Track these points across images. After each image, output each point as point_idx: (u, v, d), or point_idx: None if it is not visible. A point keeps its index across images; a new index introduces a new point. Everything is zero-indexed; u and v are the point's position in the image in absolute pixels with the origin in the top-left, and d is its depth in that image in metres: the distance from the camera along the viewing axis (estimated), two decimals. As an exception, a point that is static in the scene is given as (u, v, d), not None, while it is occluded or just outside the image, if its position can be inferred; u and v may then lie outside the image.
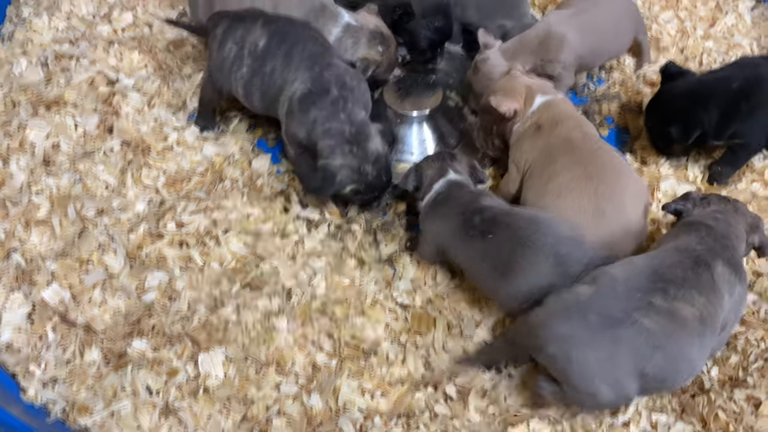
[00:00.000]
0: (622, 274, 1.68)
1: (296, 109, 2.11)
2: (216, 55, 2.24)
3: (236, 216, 2.19)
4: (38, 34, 2.68)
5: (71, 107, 2.45)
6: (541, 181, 1.99)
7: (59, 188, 2.25)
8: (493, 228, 1.86)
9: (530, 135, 2.10)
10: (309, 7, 2.35)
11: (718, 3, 2.95)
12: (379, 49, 2.38)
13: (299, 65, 2.12)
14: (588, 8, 2.43)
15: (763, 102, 2.20)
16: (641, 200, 1.97)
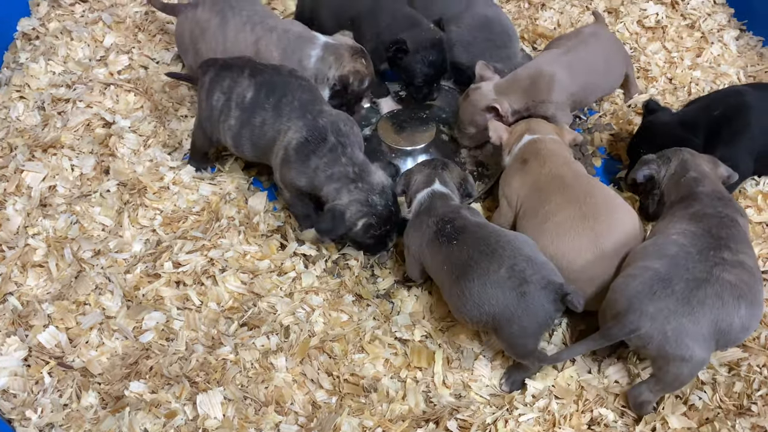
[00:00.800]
0: (682, 239, 1.79)
1: (294, 159, 2.12)
2: (204, 104, 2.27)
3: (233, 254, 2.20)
4: (35, 78, 2.71)
5: (68, 149, 2.47)
6: (536, 221, 2.00)
7: (56, 230, 2.25)
8: (459, 235, 1.90)
9: (517, 169, 2.13)
10: (287, 40, 2.41)
11: (704, 34, 3.00)
12: (362, 62, 2.42)
13: (290, 115, 2.14)
14: (576, 47, 2.47)
15: (745, 127, 2.24)
16: (636, 236, 1.98)
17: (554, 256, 1.91)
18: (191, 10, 2.51)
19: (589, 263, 1.90)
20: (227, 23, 2.43)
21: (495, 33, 2.62)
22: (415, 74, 2.51)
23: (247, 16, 2.44)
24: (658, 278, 1.72)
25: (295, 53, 2.39)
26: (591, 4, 3.18)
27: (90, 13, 3.01)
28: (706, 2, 3.14)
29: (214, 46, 2.44)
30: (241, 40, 2.41)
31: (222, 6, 2.46)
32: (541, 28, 3.05)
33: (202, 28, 2.46)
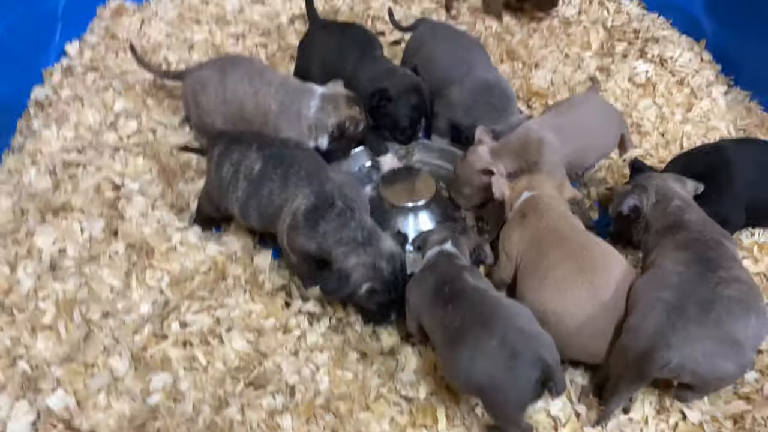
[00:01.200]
0: (679, 267, 1.88)
1: (302, 224, 2.16)
2: (214, 175, 2.34)
3: (239, 313, 2.23)
4: (47, 144, 2.80)
5: (78, 212, 2.53)
6: (536, 276, 2.03)
7: (65, 293, 2.30)
8: (455, 298, 1.92)
9: (517, 223, 2.18)
10: (284, 93, 2.53)
11: (693, 90, 3.11)
12: (357, 109, 2.55)
13: (297, 183, 2.20)
14: (566, 111, 2.56)
15: (728, 182, 2.31)
16: (629, 279, 2.01)
17: (555, 311, 1.94)
18: (195, 70, 2.68)
19: (591, 316, 1.92)
20: (227, 77, 2.57)
21: (495, 96, 2.71)
22: (399, 119, 2.66)
23: (245, 70, 2.59)
24: (671, 308, 1.78)
25: (294, 104, 2.52)
26: (583, 63, 3.30)
27: (101, 80, 3.13)
28: (694, 59, 3.26)
29: (213, 98, 2.58)
30: (240, 93, 2.55)
31: (223, 64, 2.62)
32: (535, 87, 3.16)
33: (203, 83, 2.61)
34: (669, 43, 3.31)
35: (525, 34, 3.50)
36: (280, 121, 2.52)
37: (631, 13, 3.56)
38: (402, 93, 2.62)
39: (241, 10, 3.64)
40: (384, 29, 3.52)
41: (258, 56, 3.33)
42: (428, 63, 2.84)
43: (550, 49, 3.39)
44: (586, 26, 3.48)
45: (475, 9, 3.71)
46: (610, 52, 3.34)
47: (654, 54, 3.23)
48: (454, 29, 3.09)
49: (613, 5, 3.61)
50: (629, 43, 3.37)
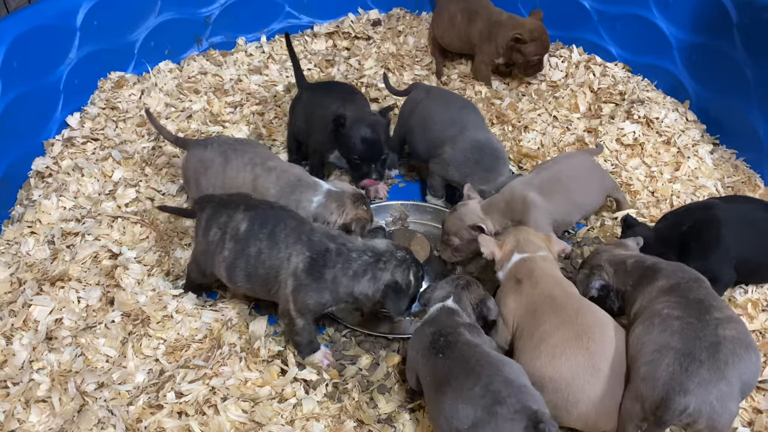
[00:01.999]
0: (675, 311, 1.89)
1: (308, 281, 2.20)
2: (201, 239, 2.36)
3: (234, 382, 2.22)
4: (46, 214, 2.84)
5: (75, 282, 2.55)
6: (532, 343, 2.03)
7: (60, 364, 2.29)
8: (447, 350, 1.94)
9: (512, 289, 2.19)
10: (286, 180, 2.57)
11: (680, 149, 3.18)
12: (364, 208, 2.57)
13: (287, 242, 2.23)
14: (548, 170, 2.63)
15: (717, 240, 2.34)
16: (624, 345, 2.01)
17: (552, 377, 1.94)
18: (200, 149, 2.69)
19: (588, 383, 1.92)
20: (229, 163, 2.60)
21: (486, 156, 2.78)
22: (350, 148, 2.81)
23: (249, 158, 2.62)
24: (682, 354, 1.79)
25: (294, 194, 2.54)
26: (571, 125, 3.38)
27: (101, 150, 3.21)
28: (679, 120, 3.35)
29: (214, 181, 2.61)
30: (240, 180, 2.58)
31: (226, 148, 2.65)
32: (525, 149, 3.23)
33: (206, 165, 2.64)
34: (654, 104, 3.40)
35: (514, 98, 3.60)
36: None
37: (616, 76, 3.67)
38: (356, 123, 2.80)
39: (239, 79, 3.75)
40: (378, 96, 3.63)
41: (255, 123, 3.42)
42: (423, 124, 2.93)
43: (538, 112, 3.49)
44: (573, 89, 3.59)
45: (465, 75, 3.83)
46: (597, 113, 3.44)
47: (640, 115, 3.32)
48: (447, 91, 3.20)
49: (598, 69, 3.73)
50: (616, 104, 3.47)
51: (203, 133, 3.34)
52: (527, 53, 3.48)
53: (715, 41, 3.32)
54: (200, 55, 3.92)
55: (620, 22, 3.74)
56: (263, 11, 4.05)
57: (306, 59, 3.92)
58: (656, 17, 3.57)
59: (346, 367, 2.35)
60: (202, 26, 3.90)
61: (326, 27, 4.16)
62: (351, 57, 3.95)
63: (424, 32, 4.13)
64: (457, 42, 3.80)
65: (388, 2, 4.32)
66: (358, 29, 4.11)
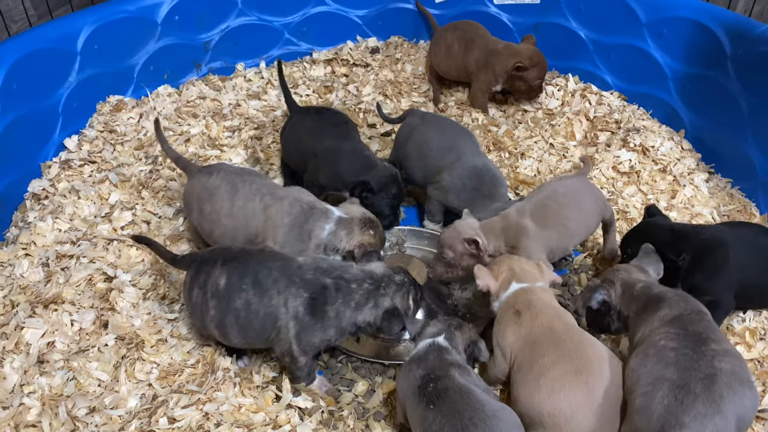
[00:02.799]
0: (672, 342, 1.87)
1: (311, 322, 2.16)
2: (187, 302, 2.32)
3: (228, 408, 2.18)
4: (41, 236, 2.82)
5: (68, 305, 2.52)
6: (531, 376, 2.00)
7: (51, 388, 2.25)
8: (438, 400, 1.87)
9: (511, 320, 2.16)
10: (299, 209, 2.52)
11: (675, 177, 3.20)
12: (371, 233, 2.55)
13: (278, 287, 2.17)
14: (539, 193, 2.63)
15: (724, 262, 2.34)
16: (620, 379, 2.00)
17: (551, 412, 1.91)
18: (204, 176, 2.63)
19: (586, 418, 1.89)
20: (237, 192, 2.55)
21: (483, 182, 2.80)
22: (383, 209, 2.82)
23: (257, 188, 2.57)
24: (677, 386, 1.76)
25: (308, 222, 2.49)
26: (568, 152, 3.40)
27: (98, 173, 3.20)
28: (675, 148, 3.38)
29: (219, 208, 2.54)
30: (249, 209, 2.52)
31: (233, 177, 2.59)
32: (522, 175, 3.25)
33: (210, 192, 2.57)
34: (650, 132, 3.43)
35: (510, 126, 3.63)
36: (290, 237, 2.49)
37: (612, 105, 3.71)
38: (383, 186, 2.82)
39: (237, 104, 3.77)
40: (375, 122, 3.65)
41: (253, 148, 3.43)
42: (419, 150, 2.94)
43: (535, 139, 3.51)
44: (570, 117, 3.62)
45: (462, 102, 3.86)
46: (593, 141, 3.46)
47: (636, 143, 3.35)
48: (442, 117, 3.22)
49: (594, 97, 3.77)
50: (612, 132, 3.50)
51: (200, 156, 3.34)
52: (529, 79, 3.52)
53: (710, 71, 3.36)
54: (199, 79, 3.94)
55: (615, 52, 3.79)
56: (263, 38, 4.10)
57: (305, 85, 3.95)
58: (651, 48, 3.62)
59: (342, 393, 2.33)
60: (202, 52, 3.94)
61: (325, 54, 4.20)
62: (349, 84, 3.98)
63: (422, 60, 4.17)
64: (454, 70, 3.84)
65: (387, 30, 4.36)
66: (357, 56, 4.15)
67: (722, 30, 3.29)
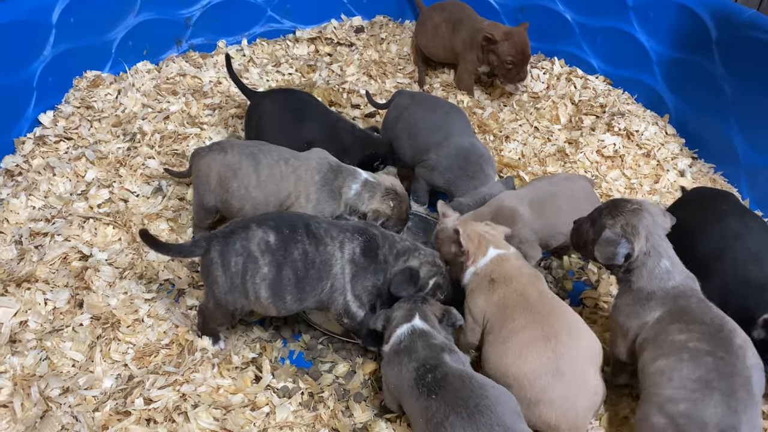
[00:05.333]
0: (704, 345, 1.83)
1: (366, 263, 2.21)
2: (222, 278, 2.15)
3: (206, 389, 2.15)
4: (14, 213, 2.75)
5: (42, 283, 2.46)
6: (500, 338, 2.02)
7: (23, 367, 2.20)
8: (440, 389, 1.85)
9: (485, 289, 2.15)
10: (327, 166, 2.55)
11: (659, 162, 3.20)
12: (390, 204, 2.55)
13: (329, 233, 2.20)
14: (543, 187, 2.58)
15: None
16: (596, 360, 2.00)
17: (516, 375, 1.93)
18: (219, 153, 2.57)
19: (547, 385, 1.90)
20: (259, 163, 2.53)
21: (469, 162, 2.77)
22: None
23: (278, 154, 2.57)
24: (726, 395, 1.77)
25: (337, 179, 2.54)
26: (552, 136, 3.38)
27: (74, 149, 3.12)
28: (659, 133, 3.37)
29: (246, 182, 2.52)
30: (277, 174, 2.52)
31: (251, 149, 2.56)
32: (506, 158, 3.22)
33: (234, 170, 2.53)
34: (634, 117, 3.42)
35: (496, 108, 3.60)
36: (322, 194, 2.51)
37: (597, 89, 3.69)
38: (389, 153, 2.96)
39: (218, 82, 3.70)
40: (359, 102, 3.60)
41: (234, 126, 3.36)
42: (409, 130, 2.91)
43: (520, 122, 3.48)
44: (555, 101, 3.60)
45: (448, 84, 3.82)
46: (578, 125, 3.44)
47: (620, 128, 3.34)
48: (433, 97, 3.19)
49: (579, 81, 3.75)
50: (596, 117, 3.48)
51: (180, 135, 3.27)
52: (500, 53, 3.42)
53: (695, 56, 3.35)
54: (179, 56, 3.86)
55: (601, 36, 3.77)
56: (245, 14, 4.01)
57: (287, 64, 3.88)
58: (637, 31, 3.60)
59: (322, 374, 2.30)
60: (183, 27, 3.85)
61: (308, 32, 4.13)
62: (333, 63, 3.92)
63: (407, 40, 4.12)
64: (441, 51, 3.79)
65: (372, 9, 4.30)
66: (341, 35, 4.09)
67: (708, 14, 3.27)
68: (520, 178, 3.12)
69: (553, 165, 3.19)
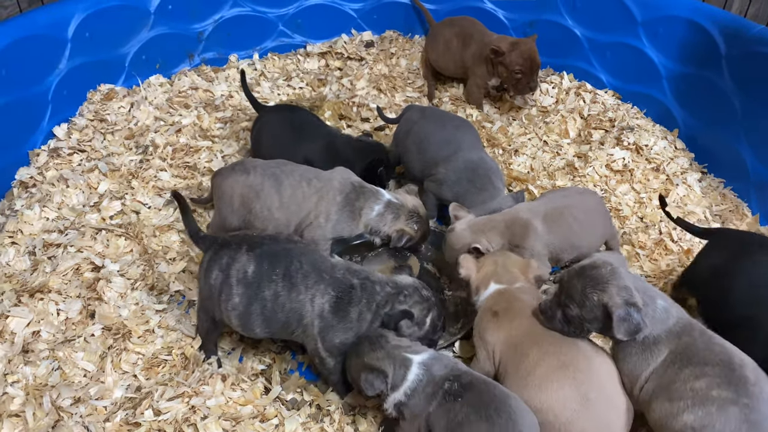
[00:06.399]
0: (726, 392, 1.76)
1: (335, 321, 2.12)
2: (203, 284, 2.19)
3: (215, 401, 2.15)
4: (28, 224, 2.78)
5: (55, 294, 2.49)
6: (518, 377, 1.98)
7: (36, 377, 2.22)
8: (465, 392, 1.86)
9: (488, 321, 2.14)
10: (350, 186, 2.54)
11: (668, 176, 3.20)
12: (414, 227, 2.54)
13: (306, 283, 2.12)
14: (557, 200, 2.58)
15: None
16: (616, 376, 1.98)
17: (540, 409, 1.89)
18: (241, 175, 2.57)
19: (576, 413, 1.87)
20: (281, 184, 2.53)
21: (477, 176, 2.78)
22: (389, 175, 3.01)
23: (300, 174, 2.57)
24: None
25: (358, 200, 2.52)
26: (561, 150, 3.40)
27: (87, 161, 3.16)
28: (668, 147, 3.38)
29: (269, 204, 2.51)
30: (299, 195, 2.51)
31: (273, 170, 2.56)
32: (515, 172, 3.23)
33: (256, 191, 2.53)
34: (644, 131, 3.43)
35: (504, 122, 3.61)
36: (342, 215, 2.50)
37: (606, 103, 3.70)
38: (391, 157, 3.02)
39: (230, 95, 3.74)
40: (369, 116, 3.62)
41: (245, 140, 3.40)
42: (419, 145, 2.93)
43: (529, 136, 3.50)
44: (564, 115, 3.61)
45: (457, 98, 3.84)
46: (587, 139, 3.45)
47: (630, 142, 3.34)
48: (443, 111, 3.22)
49: (588, 95, 3.76)
50: (605, 131, 3.49)
51: (192, 147, 3.30)
52: (508, 64, 3.43)
53: (704, 71, 3.36)
54: (192, 70, 3.91)
55: (610, 51, 3.78)
56: (257, 29, 4.06)
57: (298, 78, 3.92)
58: (646, 47, 3.62)
59: (329, 388, 2.30)
60: (195, 42, 3.90)
61: (319, 47, 4.17)
62: (343, 77, 3.96)
63: (417, 55, 4.15)
64: (452, 66, 3.82)
65: (382, 24, 4.34)
66: (351, 50, 4.13)
67: (717, 30, 3.28)
68: (529, 192, 3.13)
69: (562, 179, 3.20)
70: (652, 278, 2.72)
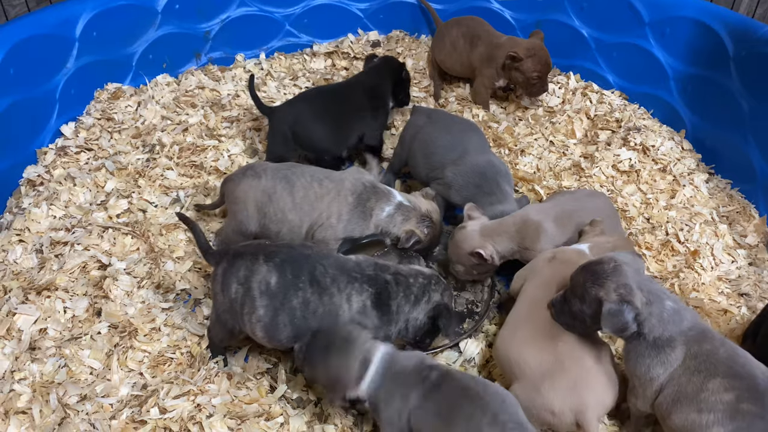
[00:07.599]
0: (751, 405, 1.75)
1: (378, 317, 2.13)
2: (221, 297, 2.14)
3: (221, 399, 2.16)
4: (36, 222, 2.80)
5: (62, 292, 2.50)
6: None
7: (42, 375, 2.23)
8: (445, 381, 1.90)
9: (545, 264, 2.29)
10: (362, 186, 2.55)
11: (675, 177, 3.19)
12: (424, 231, 2.54)
13: (338, 285, 2.10)
14: (568, 203, 2.58)
15: None
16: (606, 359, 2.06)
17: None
18: (253, 179, 2.57)
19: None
20: (293, 185, 2.53)
21: (486, 179, 2.77)
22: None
23: (311, 174, 2.58)
24: None
25: (370, 200, 2.52)
26: (567, 150, 3.39)
27: (94, 160, 3.17)
28: (675, 148, 3.37)
29: (282, 206, 2.52)
30: (312, 196, 2.52)
31: (284, 172, 2.57)
32: (521, 172, 3.23)
33: (269, 194, 2.53)
34: (650, 132, 3.42)
35: (511, 123, 3.61)
36: (354, 215, 2.50)
37: (612, 104, 3.69)
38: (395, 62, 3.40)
39: (237, 95, 3.75)
40: (375, 115, 3.62)
41: (251, 139, 3.40)
42: (425, 149, 2.92)
43: (535, 136, 3.49)
44: (570, 115, 3.60)
45: (463, 98, 3.84)
46: (593, 140, 3.44)
47: (636, 142, 3.33)
48: (449, 114, 3.21)
49: (595, 96, 3.75)
50: (612, 131, 3.48)
51: (198, 147, 3.31)
52: (525, 70, 3.46)
53: (712, 72, 3.35)
54: (198, 69, 3.92)
55: (617, 51, 3.77)
56: (263, 29, 4.07)
57: (305, 77, 3.92)
58: (653, 47, 3.61)
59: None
60: (202, 41, 3.91)
61: (326, 46, 4.17)
62: (349, 77, 3.96)
63: (423, 55, 4.15)
64: (459, 66, 3.81)
65: (388, 24, 4.34)
66: (357, 50, 4.13)
67: (725, 31, 3.27)
68: (535, 192, 3.12)
69: (568, 179, 3.19)
70: (658, 279, 2.71)
